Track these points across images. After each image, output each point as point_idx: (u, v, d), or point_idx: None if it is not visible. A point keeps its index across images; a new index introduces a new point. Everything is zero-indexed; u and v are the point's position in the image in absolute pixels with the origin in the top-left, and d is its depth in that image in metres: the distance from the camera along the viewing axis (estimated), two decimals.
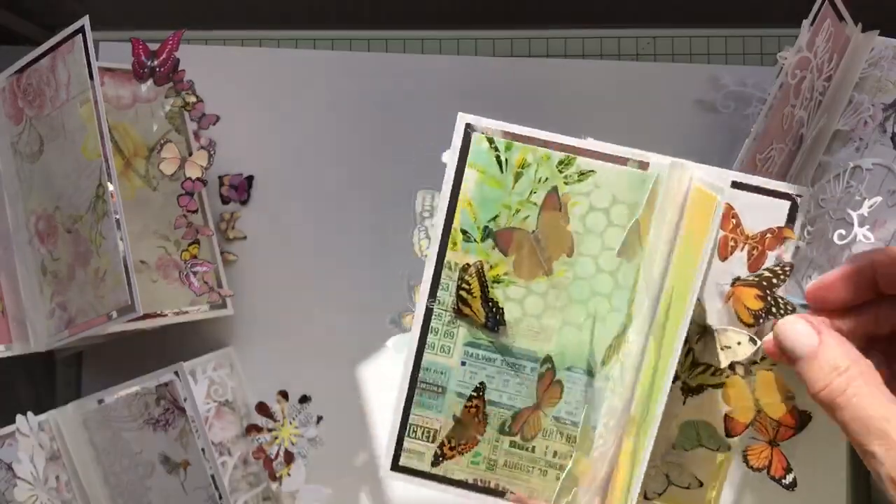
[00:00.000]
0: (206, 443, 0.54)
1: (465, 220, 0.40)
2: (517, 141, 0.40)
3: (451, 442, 0.42)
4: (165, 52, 0.57)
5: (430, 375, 0.42)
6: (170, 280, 0.60)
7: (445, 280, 0.41)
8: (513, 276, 0.41)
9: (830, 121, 0.56)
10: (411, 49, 0.69)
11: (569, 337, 0.42)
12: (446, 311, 0.41)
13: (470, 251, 0.41)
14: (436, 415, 0.42)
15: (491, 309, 0.41)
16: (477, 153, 0.40)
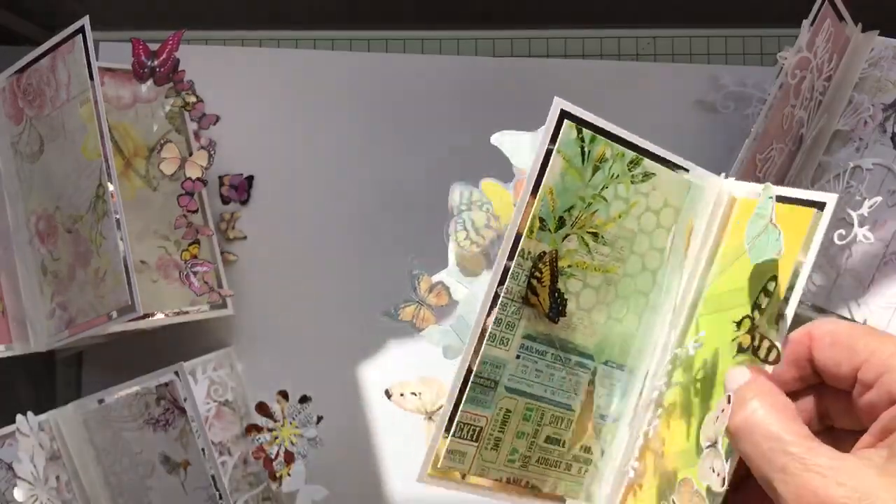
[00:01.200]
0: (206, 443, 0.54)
1: (544, 209, 0.40)
2: (601, 135, 0.40)
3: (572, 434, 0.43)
4: (165, 52, 0.57)
5: (487, 369, 0.41)
6: (170, 280, 0.60)
7: (516, 269, 0.40)
8: (575, 269, 0.42)
9: (830, 121, 0.56)
10: (411, 49, 0.69)
11: (610, 331, 0.43)
12: (512, 300, 0.40)
13: (543, 240, 0.40)
14: (484, 410, 0.41)
15: (556, 299, 0.41)
16: (566, 141, 0.40)
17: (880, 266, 0.52)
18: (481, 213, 0.49)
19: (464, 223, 0.49)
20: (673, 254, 0.43)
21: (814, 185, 0.55)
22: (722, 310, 0.41)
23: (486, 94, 0.67)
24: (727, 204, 0.43)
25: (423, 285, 0.53)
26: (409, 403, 0.55)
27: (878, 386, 0.33)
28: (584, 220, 0.41)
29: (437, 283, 0.53)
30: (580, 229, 0.41)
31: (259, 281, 0.66)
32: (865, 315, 0.52)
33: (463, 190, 0.49)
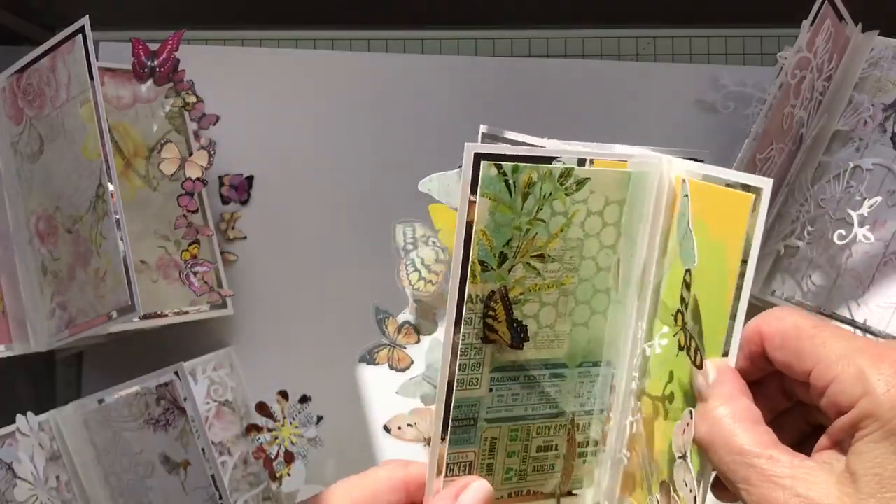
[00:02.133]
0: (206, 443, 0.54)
1: (482, 251, 0.40)
2: (521, 162, 0.39)
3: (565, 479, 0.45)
4: (165, 52, 0.57)
5: (462, 411, 0.42)
6: (170, 280, 0.60)
7: (468, 314, 0.41)
8: (528, 294, 0.42)
9: (830, 121, 0.56)
10: (411, 49, 0.69)
11: (578, 336, 0.44)
12: (472, 344, 0.41)
13: (489, 279, 0.41)
14: (469, 447, 0.43)
15: (516, 328, 0.42)
16: (487, 182, 0.39)
17: (880, 266, 0.52)
18: (428, 248, 0.49)
19: (413, 263, 0.49)
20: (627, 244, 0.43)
21: (814, 185, 0.55)
22: (674, 301, 0.42)
23: (486, 94, 0.67)
24: (673, 184, 0.42)
25: (391, 327, 0.54)
26: (408, 434, 0.56)
27: (827, 396, 0.33)
28: (525, 248, 0.41)
29: (404, 323, 0.53)
30: (523, 257, 0.41)
31: (259, 281, 0.66)
32: (865, 315, 0.52)
33: (405, 228, 0.49)
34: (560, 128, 0.65)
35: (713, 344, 0.38)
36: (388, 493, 0.41)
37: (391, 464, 0.42)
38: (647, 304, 0.44)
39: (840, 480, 0.32)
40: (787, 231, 0.55)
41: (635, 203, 0.43)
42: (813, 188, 0.55)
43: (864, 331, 0.52)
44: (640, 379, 0.44)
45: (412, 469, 0.41)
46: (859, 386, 0.32)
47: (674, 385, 0.42)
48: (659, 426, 0.43)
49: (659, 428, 0.43)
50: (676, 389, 0.42)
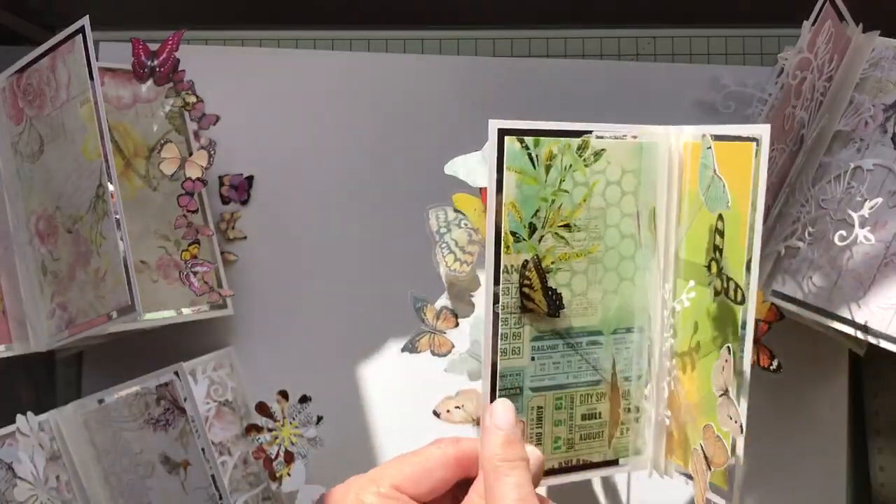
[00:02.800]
0: (206, 443, 0.54)
1: (513, 223, 0.42)
2: (543, 136, 0.42)
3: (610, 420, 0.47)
4: (165, 52, 0.57)
5: (508, 381, 0.44)
6: (170, 280, 0.60)
7: (505, 285, 0.43)
8: (559, 263, 0.44)
9: (831, 121, 0.56)
10: (411, 49, 0.69)
11: (609, 303, 0.46)
12: (511, 313, 0.43)
13: (522, 250, 0.43)
14: (518, 416, 0.44)
15: (551, 297, 0.44)
16: (512, 156, 0.42)
17: (881, 267, 0.52)
18: (461, 230, 0.50)
19: (448, 246, 0.50)
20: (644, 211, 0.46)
21: (815, 186, 0.55)
22: (699, 255, 0.44)
23: (486, 94, 0.67)
24: (681, 151, 0.45)
25: (429, 314, 0.54)
26: (457, 416, 0.57)
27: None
28: (552, 218, 0.44)
29: (442, 309, 0.54)
30: (552, 227, 0.44)
31: (259, 281, 0.65)
32: (866, 316, 0.52)
33: (438, 212, 0.51)
34: None
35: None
36: (441, 469, 0.42)
37: (443, 441, 0.44)
38: (670, 265, 0.46)
39: None
40: (788, 232, 0.55)
41: (649, 172, 0.46)
42: (814, 189, 0.55)
43: (864, 332, 0.52)
44: (672, 339, 0.46)
45: (464, 444, 0.43)
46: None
47: (701, 333, 0.44)
48: (691, 378, 0.45)
49: (691, 380, 0.45)
50: (705, 336, 0.44)
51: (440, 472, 0.42)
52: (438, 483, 0.42)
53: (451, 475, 0.43)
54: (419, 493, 0.42)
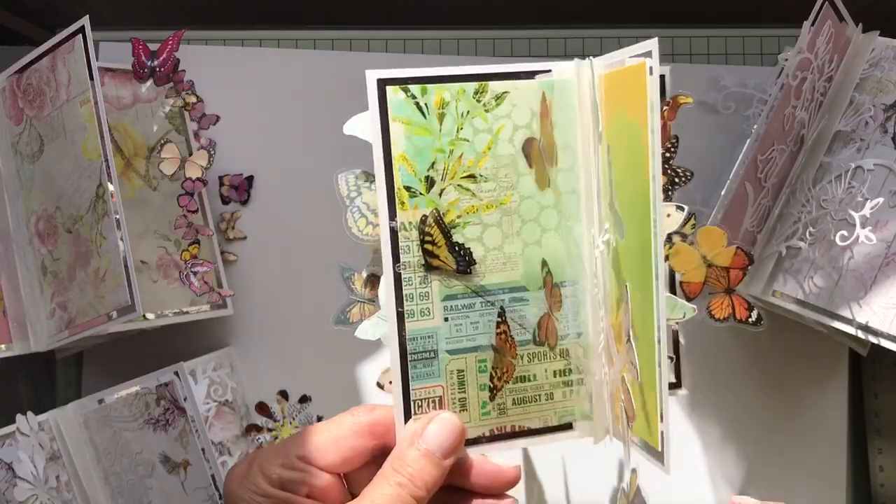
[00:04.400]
0: (206, 443, 0.54)
1: (406, 176, 0.40)
2: (429, 83, 0.39)
3: (497, 372, 0.42)
4: (165, 52, 0.57)
5: (419, 343, 0.41)
6: (170, 280, 0.60)
7: (404, 242, 0.40)
8: (466, 216, 0.41)
9: (831, 122, 0.56)
10: (411, 49, 0.69)
11: (532, 257, 0.42)
12: (415, 272, 0.40)
13: (419, 205, 0.40)
14: (435, 381, 0.41)
15: (459, 252, 0.41)
16: (397, 106, 0.39)
17: (882, 267, 0.52)
18: (371, 192, 0.48)
19: (359, 210, 0.48)
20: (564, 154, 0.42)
21: (815, 186, 0.55)
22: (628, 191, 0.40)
23: None
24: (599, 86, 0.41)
25: (357, 283, 0.52)
26: None
27: None
28: (453, 169, 0.40)
29: (368, 276, 0.52)
30: (453, 179, 0.40)
31: (259, 281, 0.65)
32: (867, 316, 0.52)
33: (347, 176, 0.48)
34: None
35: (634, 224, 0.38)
36: (352, 438, 0.40)
37: (358, 409, 0.41)
38: (594, 209, 0.42)
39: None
40: (789, 232, 0.55)
41: (562, 110, 0.42)
42: (814, 189, 0.55)
43: (866, 331, 0.52)
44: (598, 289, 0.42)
45: (377, 412, 0.41)
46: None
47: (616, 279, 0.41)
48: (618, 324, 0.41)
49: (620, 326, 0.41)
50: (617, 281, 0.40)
51: (351, 440, 0.40)
52: (349, 452, 0.40)
53: (364, 444, 0.40)
54: (328, 462, 0.40)
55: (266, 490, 0.38)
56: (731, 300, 0.47)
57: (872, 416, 0.63)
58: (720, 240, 0.47)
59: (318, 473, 0.39)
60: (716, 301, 0.47)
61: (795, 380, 0.62)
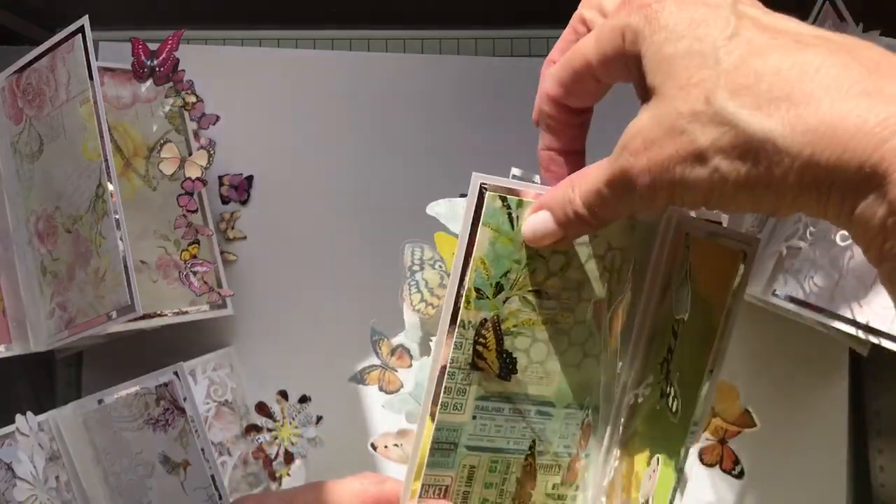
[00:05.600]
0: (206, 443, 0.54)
1: (479, 279, 0.40)
2: (526, 199, 0.40)
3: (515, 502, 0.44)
4: (165, 52, 0.57)
5: (443, 434, 0.42)
6: (170, 280, 0.60)
7: (459, 339, 0.41)
8: (521, 327, 0.42)
9: None
10: (411, 49, 0.69)
11: (569, 377, 0.43)
12: (460, 368, 0.41)
13: (482, 308, 0.41)
14: (447, 471, 0.42)
15: (505, 359, 0.42)
16: (490, 212, 0.39)
17: None
18: (434, 271, 0.49)
19: (417, 284, 0.49)
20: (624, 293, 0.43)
21: None
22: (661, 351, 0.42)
23: (486, 94, 0.67)
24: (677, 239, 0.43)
25: (384, 349, 0.53)
26: (393, 454, 0.56)
27: None
28: (522, 282, 0.41)
29: (398, 346, 0.53)
30: (520, 290, 0.41)
31: (259, 281, 0.65)
32: (868, 316, 0.52)
33: (414, 248, 0.49)
34: None
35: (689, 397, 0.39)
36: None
37: (367, 477, 0.42)
38: (640, 352, 0.44)
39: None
40: (790, 232, 0.55)
41: (638, 253, 0.43)
42: None
43: (866, 331, 0.52)
44: (623, 428, 0.44)
45: (387, 486, 0.42)
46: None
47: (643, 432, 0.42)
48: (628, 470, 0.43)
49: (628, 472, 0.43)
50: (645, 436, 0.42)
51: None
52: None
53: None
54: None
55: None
56: (722, 450, 0.49)
57: (872, 416, 0.63)
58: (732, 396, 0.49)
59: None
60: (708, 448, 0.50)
61: (795, 380, 0.62)
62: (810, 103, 0.28)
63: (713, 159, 0.30)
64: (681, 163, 0.31)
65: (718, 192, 0.30)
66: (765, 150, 0.29)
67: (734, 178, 0.30)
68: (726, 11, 0.31)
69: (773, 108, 0.28)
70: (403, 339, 0.50)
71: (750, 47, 0.30)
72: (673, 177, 0.31)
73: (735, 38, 0.30)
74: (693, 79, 0.30)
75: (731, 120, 0.29)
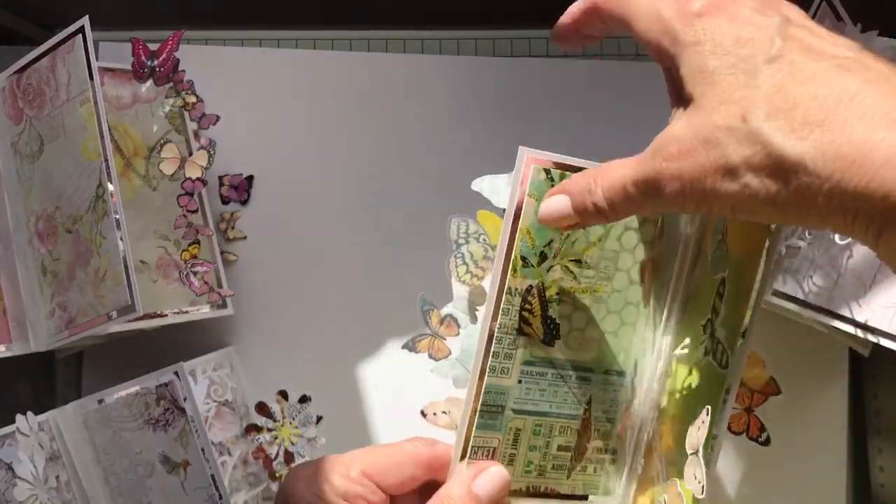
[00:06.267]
0: (206, 443, 0.54)
1: (525, 248, 0.43)
2: (568, 171, 0.42)
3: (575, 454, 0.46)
4: (165, 52, 0.57)
5: (491, 397, 0.44)
6: (170, 280, 0.60)
7: (506, 305, 0.43)
8: (563, 295, 0.44)
9: None
10: (411, 49, 0.69)
11: (607, 344, 0.46)
12: (507, 334, 0.43)
13: (528, 276, 0.43)
14: (494, 433, 0.44)
15: (549, 325, 0.44)
16: (535, 184, 0.42)
17: (881, 266, 0.52)
18: (478, 244, 0.51)
19: (463, 257, 0.51)
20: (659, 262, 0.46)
21: None
22: (700, 314, 0.44)
23: (486, 94, 0.67)
24: None
25: (434, 319, 0.55)
26: (441, 421, 0.58)
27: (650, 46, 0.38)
28: (564, 251, 0.44)
29: (447, 316, 0.55)
30: (562, 259, 0.44)
31: (259, 281, 0.65)
32: (867, 315, 0.52)
33: (460, 222, 0.51)
34: (560, 127, 0.66)
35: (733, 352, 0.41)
36: (412, 467, 0.43)
37: (419, 440, 0.44)
38: (673, 319, 0.46)
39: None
40: (789, 231, 0.55)
41: (669, 222, 0.46)
42: None
43: (865, 330, 0.52)
44: (657, 393, 0.46)
45: (438, 448, 0.44)
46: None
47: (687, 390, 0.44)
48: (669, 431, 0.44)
49: (669, 433, 0.44)
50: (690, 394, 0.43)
51: (409, 468, 0.43)
52: (406, 479, 0.43)
53: (420, 474, 0.44)
54: (388, 483, 0.43)
55: (328, 497, 0.42)
56: (748, 418, 0.50)
57: (872, 416, 0.63)
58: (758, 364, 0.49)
59: (376, 491, 0.43)
60: (734, 417, 0.50)
61: (795, 380, 0.62)
62: (844, 130, 0.29)
63: (744, 175, 0.31)
64: (712, 175, 0.32)
65: (747, 206, 0.32)
66: (795, 172, 0.30)
67: (763, 196, 0.31)
68: (772, 31, 0.32)
69: (806, 131, 0.30)
70: (451, 309, 0.52)
71: (791, 70, 0.31)
72: (703, 187, 0.32)
73: (778, 61, 0.31)
74: (734, 96, 0.32)
75: (764, 140, 0.30)
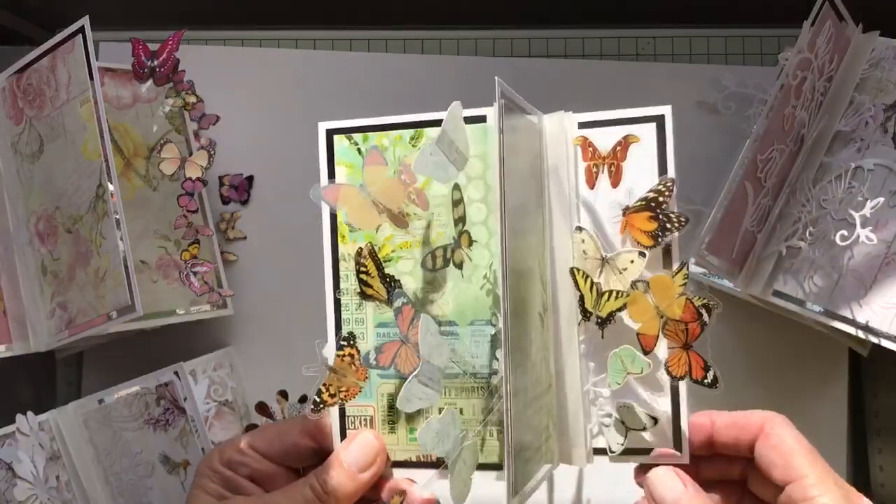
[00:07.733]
0: (206, 443, 0.54)
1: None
2: (370, 132, 0.43)
3: (329, 390, 0.44)
4: (165, 52, 0.57)
5: None
6: (170, 280, 0.60)
7: (344, 271, 0.44)
8: (399, 251, 0.44)
9: (831, 121, 0.56)
10: (411, 49, 0.69)
11: (464, 294, 0.44)
12: (352, 299, 0.44)
13: (357, 239, 0.44)
14: (366, 400, 0.44)
15: (389, 284, 0.44)
16: (341, 152, 0.43)
17: (882, 267, 0.52)
18: None
19: None
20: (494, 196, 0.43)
21: (815, 186, 0.55)
22: None
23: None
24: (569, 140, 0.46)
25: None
26: None
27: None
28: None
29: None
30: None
31: (259, 281, 0.65)
32: (868, 316, 0.52)
33: None
34: None
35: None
36: (297, 436, 0.46)
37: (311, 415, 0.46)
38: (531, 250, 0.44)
39: None
40: (789, 232, 0.55)
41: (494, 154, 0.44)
42: (814, 189, 0.55)
43: (866, 331, 0.52)
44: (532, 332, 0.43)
45: (324, 420, 0.46)
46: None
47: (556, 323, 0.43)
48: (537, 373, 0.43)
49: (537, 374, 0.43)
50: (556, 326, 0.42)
51: (294, 437, 0.46)
52: (290, 447, 0.46)
53: (306, 443, 0.46)
54: (271, 452, 0.46)
55: (216, 467, 0.45)
56: (687, 357, 0.43)
57: (872, 416, 0.63)
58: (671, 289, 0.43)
59: (261, 460, 0.45)
60: (673, 357, 0.43)
61: (795, 380, 0.62)
62: None
63: None
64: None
65: None
66: None
67: None
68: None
69: None
70: None
71: None
72: None
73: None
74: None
75: None
